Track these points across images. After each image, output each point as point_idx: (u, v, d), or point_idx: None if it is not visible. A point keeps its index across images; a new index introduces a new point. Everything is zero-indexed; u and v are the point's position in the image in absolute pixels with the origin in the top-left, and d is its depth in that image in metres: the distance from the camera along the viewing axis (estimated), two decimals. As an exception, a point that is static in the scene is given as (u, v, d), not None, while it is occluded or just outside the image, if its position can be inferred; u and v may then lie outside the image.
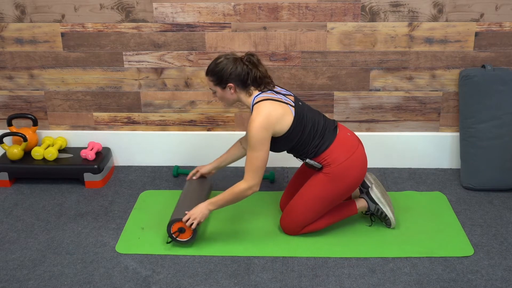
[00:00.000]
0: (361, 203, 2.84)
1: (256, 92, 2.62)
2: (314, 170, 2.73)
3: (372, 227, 2.85)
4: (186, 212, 2.66)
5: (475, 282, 2.46)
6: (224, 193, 2.64)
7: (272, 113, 2.54)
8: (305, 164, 2.74)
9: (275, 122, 2.55)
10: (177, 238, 2.68)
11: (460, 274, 2.50)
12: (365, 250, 2.67)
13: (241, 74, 2.58)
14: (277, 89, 2.69)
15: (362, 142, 2.82)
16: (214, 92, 2.67)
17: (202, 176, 3.01)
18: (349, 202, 2.85)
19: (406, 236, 2.78)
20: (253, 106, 2.60)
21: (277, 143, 2.64)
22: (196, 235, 2.68)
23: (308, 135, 2.64)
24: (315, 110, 2.75)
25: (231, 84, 2.59)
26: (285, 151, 2.75)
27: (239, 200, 2.64)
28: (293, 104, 2.64)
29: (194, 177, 2.99)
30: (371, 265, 2.58)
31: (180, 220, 2.65)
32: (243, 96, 2.63)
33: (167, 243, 2.71)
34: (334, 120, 2.77)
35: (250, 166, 2.57)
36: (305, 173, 2.86)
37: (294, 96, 2.70)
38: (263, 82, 2.63)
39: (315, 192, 2.68)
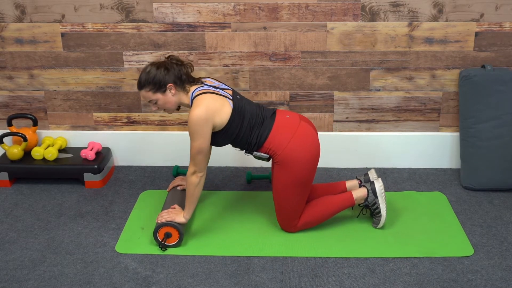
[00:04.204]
0: (360, 193, 2.81)
1: (193, 88, 2.66)
2: (266, 161, 2.76)
3: (372, 227, 2.85)
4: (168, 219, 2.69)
5: (475, 282, 2.46)
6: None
7: (211, 105, 2.57)
8: (254, 157, 2.74)
9: (214, 113, 2.57)
10: (166, 244, 2.69)
11: (460, 274, 2.50)
12: (365, 250, 2.67)
13: (174, 72, 2.61)
14: (215, 83, 2.72)
15: (312, 122, 2.81)
16: (155, 103, 2.66)
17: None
18: (346, 193, 2.83)
19: (406, 236, 2.78)
20: (192, 100, 2.62)
21: (218, 137, 2.67)
22: (183, 234, 2.68)
23: (248, 126, 2.66)
24: (253, 103, 2.77)
25: (170, 85, 2.61)
26: (231, 145, 2.76)
27: (196, 189, 2.65)
28: (231, 98, 2.67)
29: (178, 188, 3.00)
30: (371, 265, 2.57)
31: (162, 226, 2.66)
32: (182, 95, 2.66)
33: (163, 251, 2.70)
34: (273, 108, 2.78)
35: (191, 155, 2.61)
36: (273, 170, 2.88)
37: (232, 90, 2.73)
38: (195, 77, 2.69)
39: (280, 184, 2.68)
